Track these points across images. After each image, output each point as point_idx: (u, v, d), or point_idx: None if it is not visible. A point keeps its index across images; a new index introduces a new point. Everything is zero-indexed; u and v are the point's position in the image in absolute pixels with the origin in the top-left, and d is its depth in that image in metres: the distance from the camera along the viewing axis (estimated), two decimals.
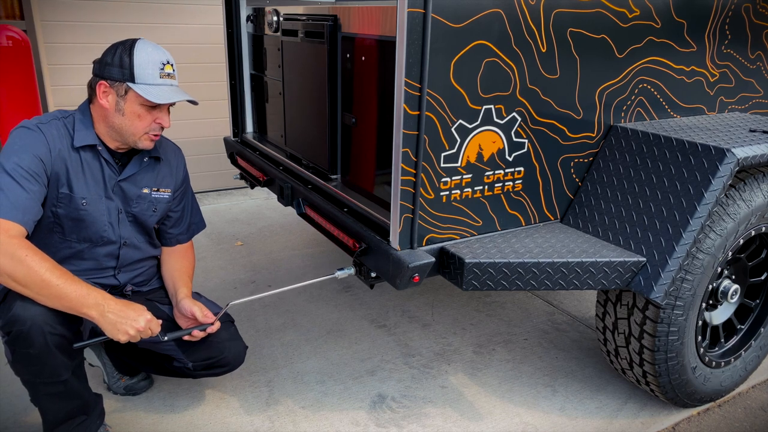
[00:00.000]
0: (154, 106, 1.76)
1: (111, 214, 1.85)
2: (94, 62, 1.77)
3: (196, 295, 2.05)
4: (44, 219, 1.74)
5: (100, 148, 1.79)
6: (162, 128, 1.82)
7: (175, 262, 2.09)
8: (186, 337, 1.87)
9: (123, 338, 1.63)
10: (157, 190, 1.96)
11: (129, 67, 1.70)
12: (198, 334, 1.87)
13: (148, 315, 1.69)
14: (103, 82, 1.72)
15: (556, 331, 2.80)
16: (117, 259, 1.93)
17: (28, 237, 1.61)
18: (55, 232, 1.79)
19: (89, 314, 1.58)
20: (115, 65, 1.71)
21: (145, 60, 1.72)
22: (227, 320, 2.03)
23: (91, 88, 1.77)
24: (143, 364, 2.18)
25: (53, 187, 1.72)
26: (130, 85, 1.71)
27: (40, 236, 1.76)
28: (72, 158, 1.75)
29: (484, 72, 1.76)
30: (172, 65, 1.78)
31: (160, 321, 1.74)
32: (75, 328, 1.67)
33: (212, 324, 1.89)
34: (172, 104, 1.81)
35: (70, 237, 1.81)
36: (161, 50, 1.77)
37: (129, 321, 1.62)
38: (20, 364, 1.64)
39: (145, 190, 1.92)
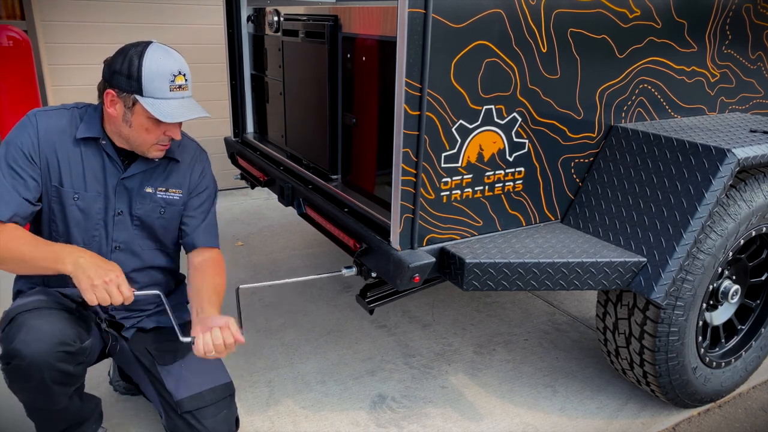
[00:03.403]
0: None
1: (106, 213, 1.74)
2: (105, 63, 1.67)
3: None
4: (44, 214, 1.70)
5: (103, 142, 1.71)
6: (172, 139, 1.72)
7: (203, 281, 1.80)
8: (200, 349, 1.57)
9: (89, 287, 1.49)
10: (165, 191, 1.81)
11: (137, 78, 1.59)
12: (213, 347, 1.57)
13: (120, 274, 1.55)
14: (110, 90, 1.62)
15: (557, 331, 2.80)
16: None
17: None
18: (53, 229, 1.73)
19: (65, 269, 1.51)
20: (123, 74, 1.59)
21: (155, 71, 1.59)
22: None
23: (100, 92, 1.68)
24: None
25: (47, 178, 1.67)
26: (138, 98, 1.60)
27: (43, 234, 1.72)
28: (70, 149, 1.68)
29: (485, 72, 1.76)
30: (184, 75, 1.65)
31: (133, 289, 1.58)
32: (80, 360, 1.61)
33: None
34: None
35: (63, 237, 1.73)
36: (174, 57, 1.64)
37: (99, 270, 1.51)
38: (16, 390, 1.61)
39: (149, 189, 1.78)
